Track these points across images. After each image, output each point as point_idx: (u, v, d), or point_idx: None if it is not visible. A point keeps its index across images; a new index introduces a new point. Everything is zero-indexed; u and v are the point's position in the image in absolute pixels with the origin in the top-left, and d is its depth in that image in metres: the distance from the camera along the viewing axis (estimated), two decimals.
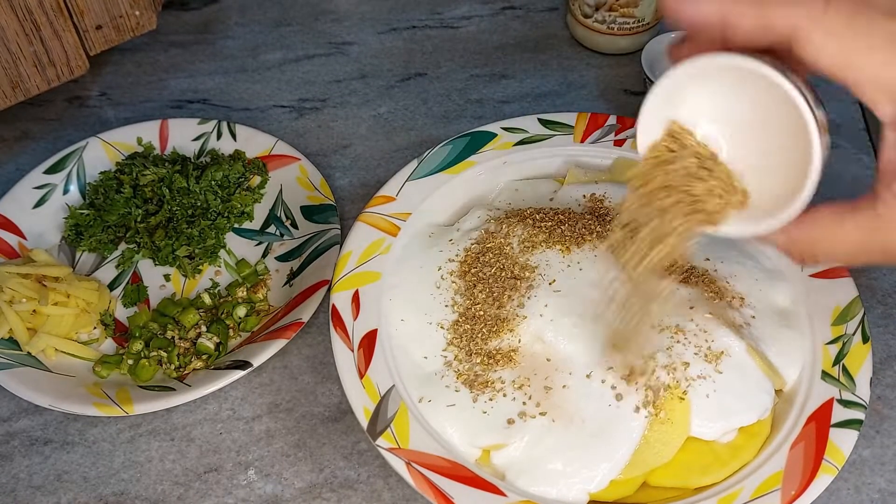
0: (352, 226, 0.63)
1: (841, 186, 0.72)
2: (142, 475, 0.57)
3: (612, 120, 0.68)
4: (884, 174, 0.39)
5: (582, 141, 0.68)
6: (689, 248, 0.45)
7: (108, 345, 0.63)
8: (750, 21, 0.38)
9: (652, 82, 0.65)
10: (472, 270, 0.59)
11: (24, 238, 0.68)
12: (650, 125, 0.43)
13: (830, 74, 0.37)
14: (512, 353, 0.55)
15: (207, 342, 0.61)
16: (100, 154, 0.72)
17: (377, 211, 0.63)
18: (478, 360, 0.55)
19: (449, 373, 0.55)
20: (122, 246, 0.69)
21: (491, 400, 0.53)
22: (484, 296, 0.57)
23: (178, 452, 0.58)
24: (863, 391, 0.53)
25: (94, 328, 0.63)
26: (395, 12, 0.89)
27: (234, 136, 0.73)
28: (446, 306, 0.58)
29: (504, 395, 0.53)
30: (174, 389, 0.58)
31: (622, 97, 0.80)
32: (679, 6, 0.39)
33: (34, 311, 0.61)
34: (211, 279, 0.67)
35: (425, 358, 0.56)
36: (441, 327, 0.57)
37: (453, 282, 0.59)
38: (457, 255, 0.60)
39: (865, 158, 0.73)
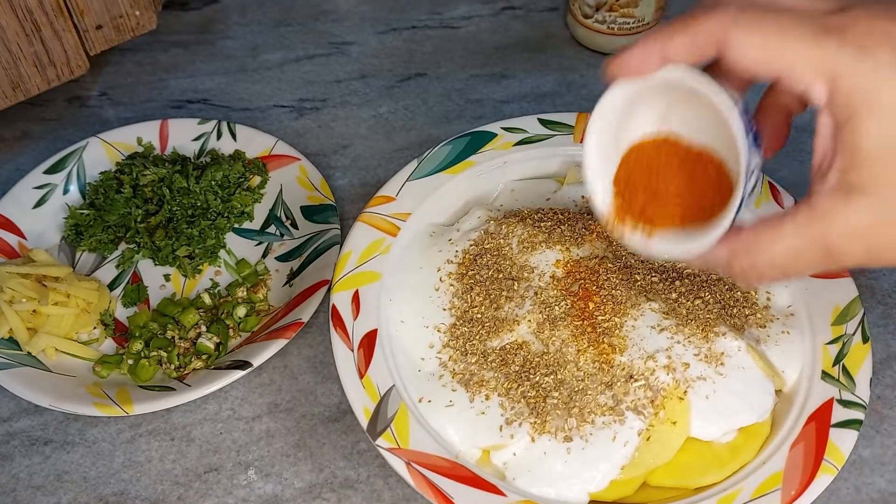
0: (352, 226, 0.63)
1: None
2: (142, 475, 0.57)
3: None
4: (818, 168, 0.38)
5: (582, 141, 0.67)
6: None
7: (108, 345, 0.63)
8: (680, 41, 0.39)
9: None
10: (470, 273, 0.59)
11: (24, 238, 0.68)
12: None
13: (760, 68, 0.37)
14: (507, 354, 0.55)
15: (207, 342, 0.61)
16: (100, 154, 0.72)
17: (377, 211, 0.63)
18: (473, 360, 0.55)
19: (445, 373, 0.55)
20: (122, 246, 0.69)
21: (487, 399, 0.53)
22: (481, 299, 0.57)
23: (178, 452, 0.58)
24: (863, 391, 0.53)
25: (94, 328, 0.63)
26: (395, 12, 0.89)
27: (234, 136, 0.73)
28: (444, 309, 0.58)
29: (500, 396, 0.53)
30: (174, 389, 0.58)
31: None
32: (621, 64, 0.41)
33: (34, 311, 0.61)
34: (211, 279, 0.67)
35: (423, 359, 0.56)
36: (438, 330, 0.57)
37: (451, 284, 0.59)
38: (455, 257, 0.60)
39: None
